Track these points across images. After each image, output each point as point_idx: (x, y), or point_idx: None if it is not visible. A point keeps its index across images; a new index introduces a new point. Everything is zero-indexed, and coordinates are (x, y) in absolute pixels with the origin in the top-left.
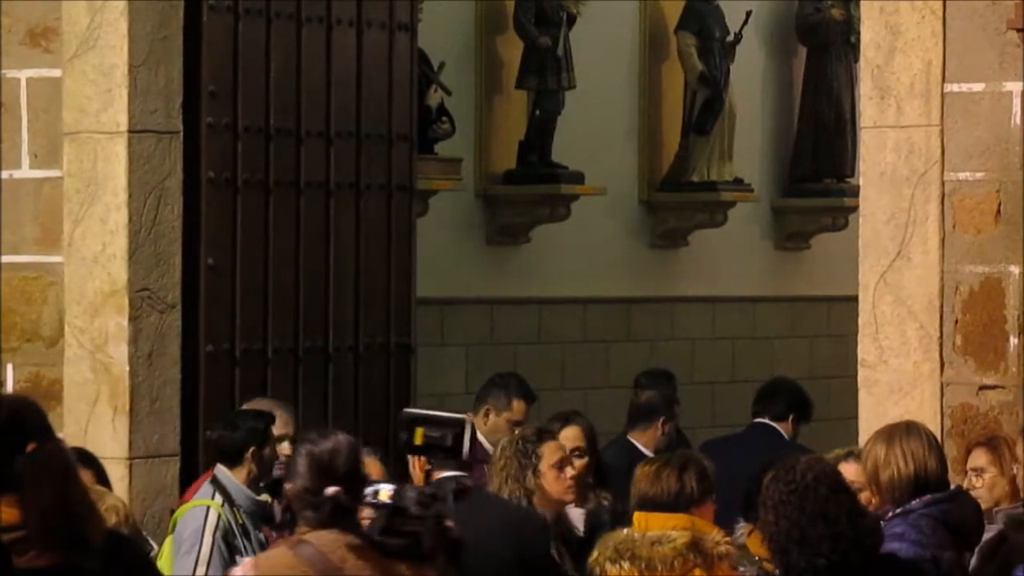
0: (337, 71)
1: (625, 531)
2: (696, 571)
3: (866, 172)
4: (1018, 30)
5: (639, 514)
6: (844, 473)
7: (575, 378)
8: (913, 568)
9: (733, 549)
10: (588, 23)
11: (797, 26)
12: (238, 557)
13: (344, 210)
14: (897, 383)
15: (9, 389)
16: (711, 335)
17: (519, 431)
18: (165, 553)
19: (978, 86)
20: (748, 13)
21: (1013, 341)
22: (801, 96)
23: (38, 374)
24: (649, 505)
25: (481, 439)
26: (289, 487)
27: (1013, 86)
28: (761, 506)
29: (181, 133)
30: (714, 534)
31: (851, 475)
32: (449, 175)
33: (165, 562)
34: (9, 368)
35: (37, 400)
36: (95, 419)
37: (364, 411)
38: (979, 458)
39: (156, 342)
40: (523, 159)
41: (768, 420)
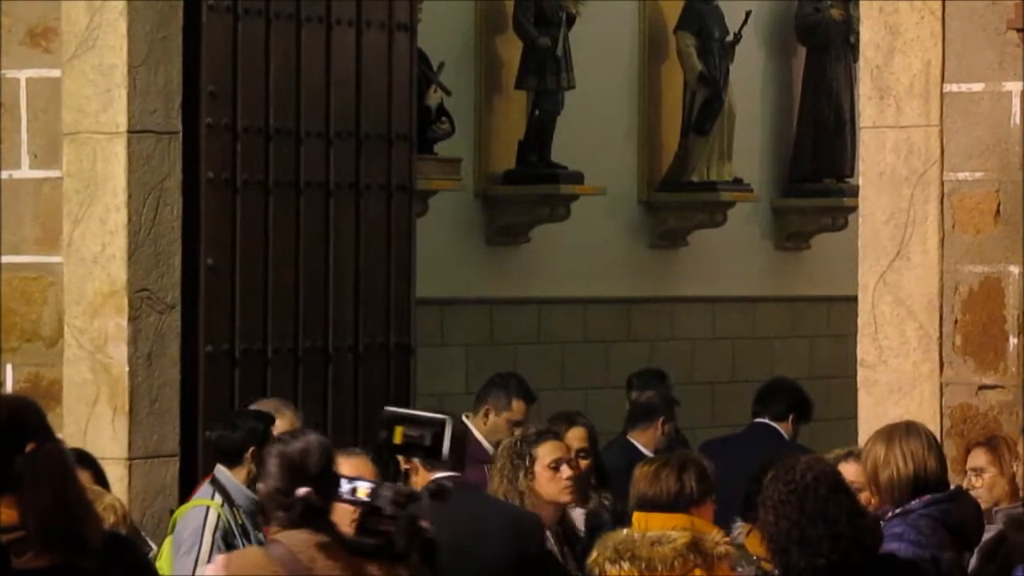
0: (337, 71)
1: (625, 531)
2: (696, 571)
3: (865, 172)
4: (1018, 30)
5: (638, 514)
6: (844, 473)
7: (575, 378)
8: (913, 568)
9: (733, 549)
10: (587, 23)
11: (796, 26)
12: None
13: (344, 210)
14: (897, 383)
15: (9, 389)
16: (711, 335)
17: (520, 431)
18: (165, 553)
19: (977, 86)
20: (747, 13)
21: (1013, 341)
22: (800, 96)
23: (38, 374)
24: (648, 505)
25: (481, 439)
26: (261, 487)
27: (1012, 86)
28: (761, 506)
29: (180, 133)
30: (714, 534)
31: (851, 475)
32: (449, 175)
33: (165, 562)
34: (9, 368)
35: (37, 400)
36: (95, 419)
37: (364, 411)
38: (978, 458)
39: (156, 342)
40: (523, 159)
41: (768, 420)
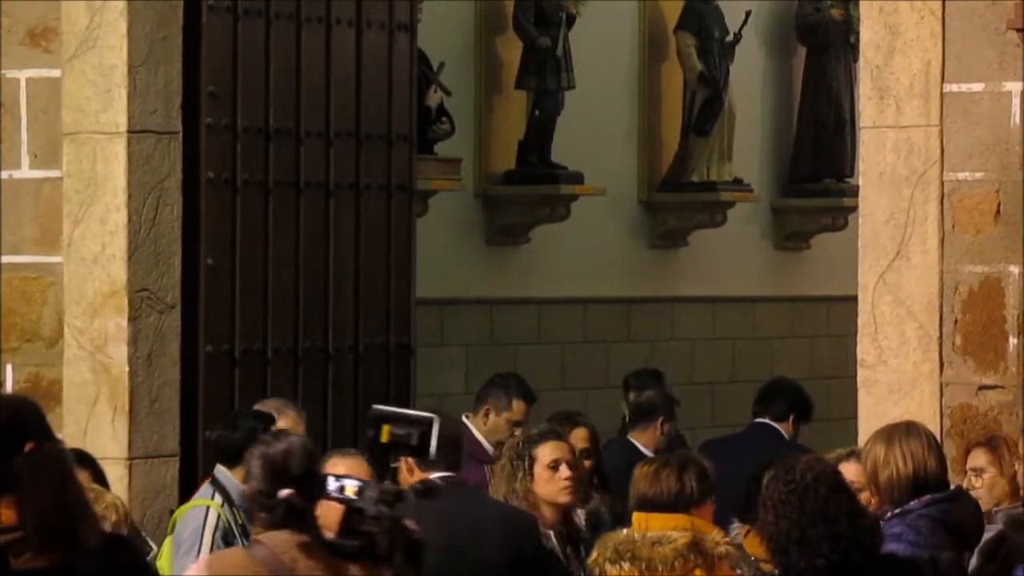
0: (337, 71)
1: (625, 531)
2: (697, 571)
3: (865, 172)
4: (1018, 30)
5: (639, 514)
6: (844, 473)
7: (575, 378)
8: (913, 568)
9: (733, 550)
10: (587, 23)
11: (797, 26)
12: None
13: (344, 210)
14: (897, 383)
15: (9, 389)
16: (711, 335)
17: (522, 431)
18: (165, 553)
19: (977, 86)
20: (747, 13)
21: (1012, 341)
22: (800, 96)
23: (38, 374)
24: (649, 505)
25: (481, 439)
26: (245, 488)
27: (1012, 86)
28: (761, 506)
29: (180, 133)
30: (714, 534)
31: (851, 475)
32: (449, 175)
33: (165, 562)
34: (9, 368)
35: (36, 400)
36: (95, 419)
37: (364, 411)
38: (978, 458)
39: (155, 342)
40: (523, 159)
41: (769, 420)
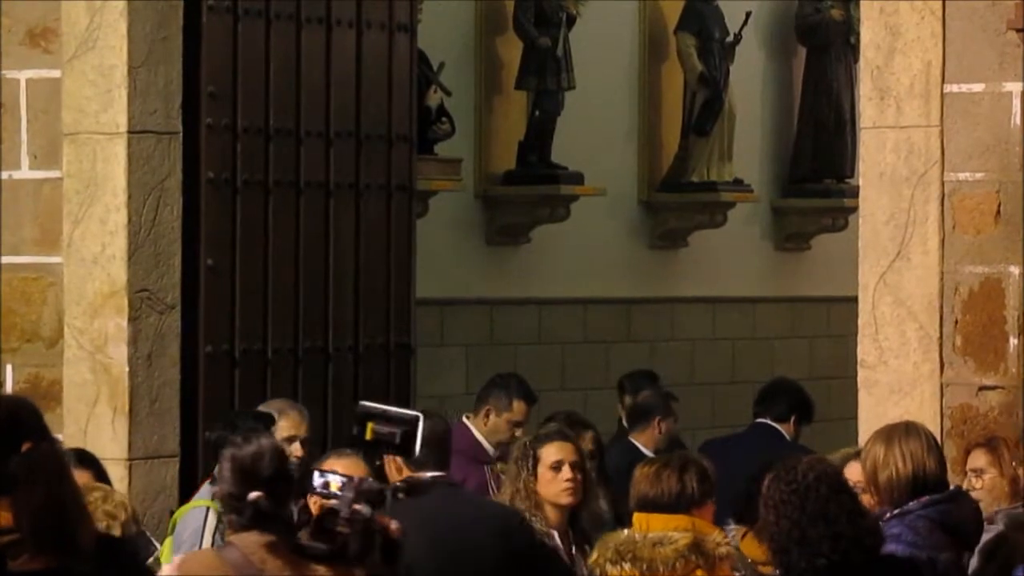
0: (337, 72)
1: (625, 532)
2: (698, 572)
3: (866, 173)
4: (1018, 30)
5: (639, 515)
6: (850, 473)
7: (575, 379)
8: (913, 569)
9: (734, 550)
10: (588, 24)
11: (797, 27)
12: None
13: (344, 210)
14: (897, 384)
15: (9, 390)
16: (711, 336)
17: (533, 430)
18: (165, 554)
19: (978, 86)
20: (748, 14)
21: (1013, 342)
22: (801, 96)
23: (37, 375)
24: (649, 506)
25: (481, 440)
26: (216, 491)
27: (1013, 86)
28: (762, 506)
29: (181, 134)
30: (715, 535)
31: (856, 475)
32: (449, 175)
33: (166, 562)
34: (9, 369)
35: (36, 401)
36: (95, 420)
37: None
38: (978, 459)
39: (155, 343)
40: (523, 159)
41: (770, 421)
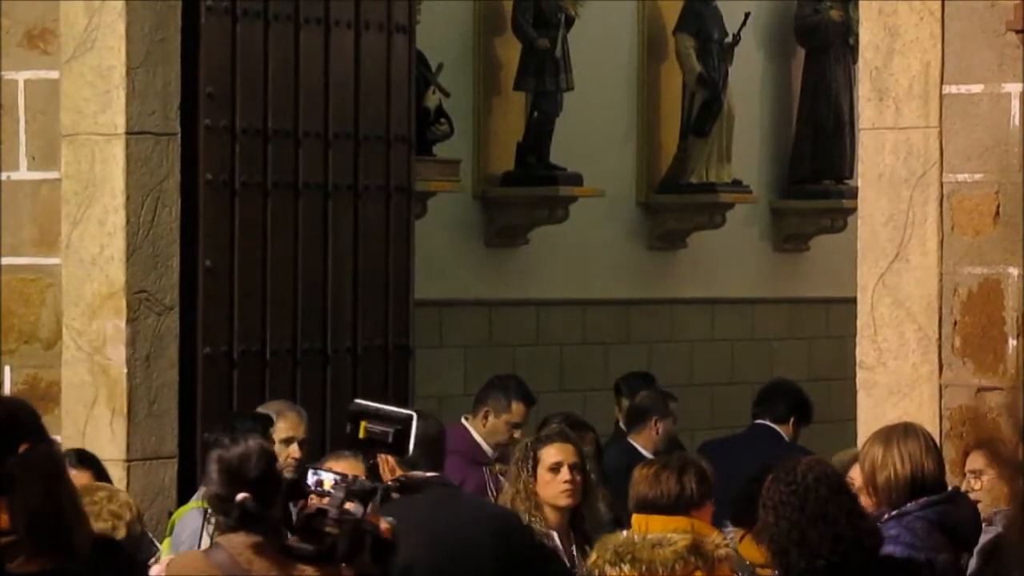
0: (335, 73)
1: (624, 533)
2: (697, 573)
3: (864, 174)
4: (1017, 31)
5: (638, 516)
6: (855, 475)
7: (574, 380)
8: (912, 570)
9: (732, 552)
10: (586, 25)
11: (796, 28)
12: None
13: (342, 212)
14: (896, 385)
15: (7, 391)
16: (710, 337)
17: (521, 434)
18: (164, 555)
19: (977, 88)
20: (746, 15)
21: (1012, 343)
22: (800, 98)
23: (36, 376)
24: (648, 507)
25: (480, 441)
26: (204, 492)
27: (1012, 87)
28: (761, 507)
29: (179, 135)
30: (714, 536)
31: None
32: (447, 177)
33: None
34: (7, 370)
35: (34, 402)
36: (93, 421)
37: None
38: (977, 460)
39: (154, 344)
40: (521, 161)
41: (769, 422)
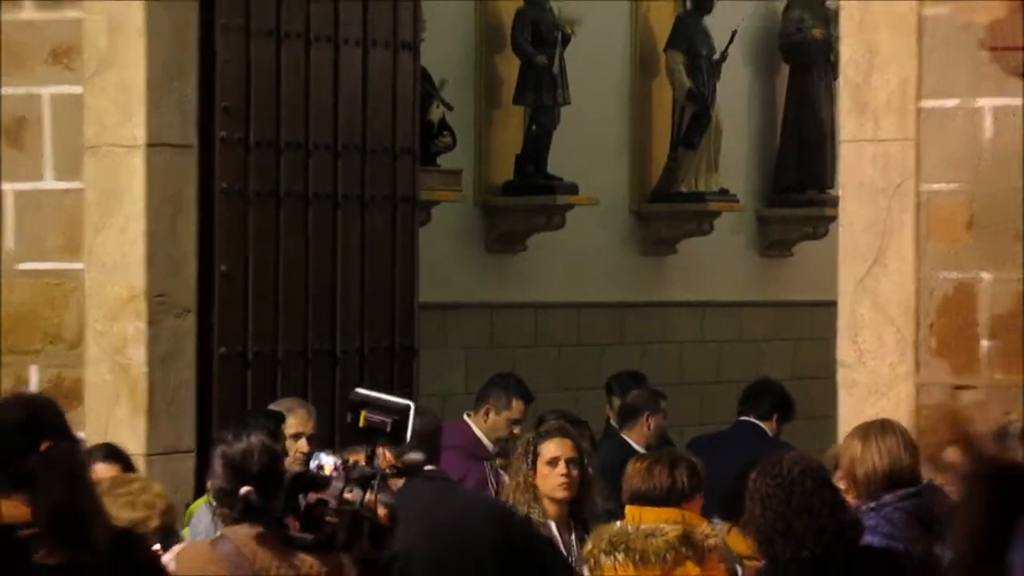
0: (344, 88)
1: (618, 524)
2: (687, 563)
3: (845, 184)
4: (991, 49)
5: (632, 508)
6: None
7: (570, 379)
8: (892, 560)
9: (722, 542)
10: (582, 42)
11: (780, 45)
12: None
13: (350, 220)
14: (875, 384)
15: (34, 389)
16: (699, 338)
17: (520, 430)
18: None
19: (952, 102)
20: (734, 33)
21: (985, 344)
22: (784, 111)
23: (60, 375)
24: (641, 500)
25: (481, 437)
26: (209, 485)
27: (985, 102)
28: (748, 499)
29: (196, 147)
30: (704, 527)
31: None
32: (450, 186)
33: None
34: (33, 369)
35: (59, 400)
36: (115, 418)
37: None
38: (952, 455)
39: (172, 345)
40: (520, 171)
41: (753, 419)
